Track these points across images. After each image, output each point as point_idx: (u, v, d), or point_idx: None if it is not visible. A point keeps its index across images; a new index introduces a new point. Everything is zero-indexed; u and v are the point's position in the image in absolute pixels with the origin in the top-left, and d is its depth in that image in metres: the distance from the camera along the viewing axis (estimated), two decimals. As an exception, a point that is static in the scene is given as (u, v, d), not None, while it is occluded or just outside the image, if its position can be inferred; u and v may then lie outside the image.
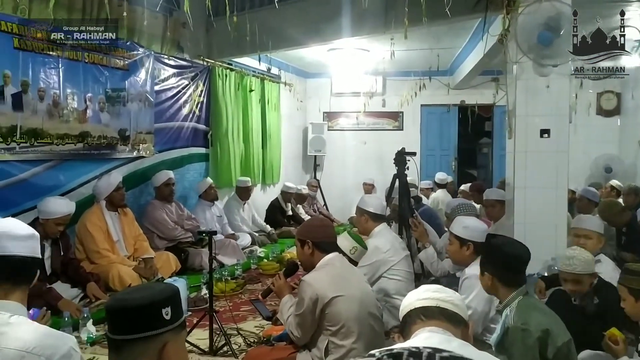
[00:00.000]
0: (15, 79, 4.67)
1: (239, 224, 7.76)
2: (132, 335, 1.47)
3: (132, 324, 1.48)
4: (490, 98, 9.63)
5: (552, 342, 2.32)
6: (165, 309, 1.51)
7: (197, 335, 4.09)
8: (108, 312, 1.53)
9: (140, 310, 1.48)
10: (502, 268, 2.58)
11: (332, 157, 11.18)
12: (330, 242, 3.24)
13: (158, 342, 1.50)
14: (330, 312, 2.96)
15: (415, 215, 5.50)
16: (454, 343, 1.54)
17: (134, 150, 6.18)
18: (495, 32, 5.16)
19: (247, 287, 5.77)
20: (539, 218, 4.81)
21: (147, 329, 1.48)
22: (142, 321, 1.48)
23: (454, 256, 3.54)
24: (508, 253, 2.58)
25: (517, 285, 2.56)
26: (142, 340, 1.47)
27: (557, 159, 4.83)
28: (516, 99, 4.89)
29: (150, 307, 1.49)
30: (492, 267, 2.62)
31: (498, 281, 2.60)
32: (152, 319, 1.49)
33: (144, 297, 1.50)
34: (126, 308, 1.48)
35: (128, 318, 1.48)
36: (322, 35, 6.72)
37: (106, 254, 5.19)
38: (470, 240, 3.37)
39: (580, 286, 3.17)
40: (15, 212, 4.61)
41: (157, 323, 1.49)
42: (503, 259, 2.58)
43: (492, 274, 2.61)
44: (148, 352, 1.49)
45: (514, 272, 2.57)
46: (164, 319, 1.50)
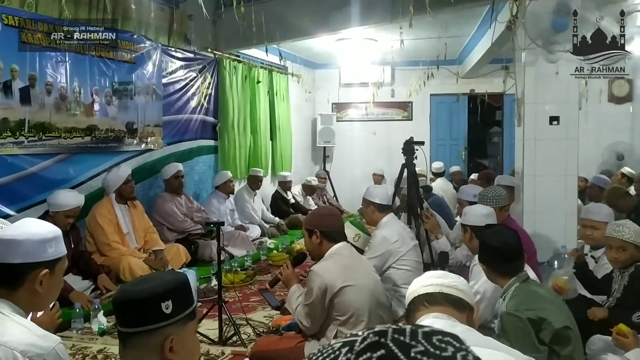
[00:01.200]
0: (23, 73, 4.69)
1: (250, 212, 7.79)
2: (133, 329, 1.48)
3: (132, 317, 1.48)
4: (500, 86, 9.58)
5: (547, 326, 2.31)
6: (165, 303, 1.48)
7: (207, 325, 4.11)
8: (113, 304, 1.56)
9: (138, 304, 1.48)
10: (493, 259, 2.59)
11: (342, 148, 11.16)
12: (339, 232, 3.24)
13: (159, 336, 1.49)
14: (339, 302, 2.96)
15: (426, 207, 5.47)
16: (458, 328, 1.53)
17: (142, 143, 6.19)
18: (504, 19, 5.11)
19: (256, 278, 5.78)
20: (549, 206, 4.78)
21: (145, 322, 1.47)
22: (140, 315, 1.48)
23: (467, 245, 3.56)
24: (495, 245, 2.57)
25: (513, 274, 2.55)
26: (143, 334, 1.47)
27: (567, 146, 4.79)
28: (525, 86, 4.86)
29: (148, 301, 1.48)
30: (484, 258, 2.64)
31: (493, 272, 2.61)
32: (150, 313, 1.48)
33: (143, 290, 1.49)
34: (126, 301, 1.49)
35: (128, 311, 1.49)
36: (330, 25, 6.69)
37: (116, 246, 5.22)
38: (469, 225, 3.43)
39: (624, 254, 3.19)
40: (25, 206, 4.66)
41: (155, 317, 1.48)
42: (491, 251, 2.59)
43: (486, 264, 2.63)
44: (149, 346, 1.49)
45: (505, 262, 2.56)
46: (163, 313, 1.48)
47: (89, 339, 3.94)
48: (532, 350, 2.11)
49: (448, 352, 0.57)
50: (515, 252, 2.58)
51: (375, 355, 0.56)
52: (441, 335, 0.59)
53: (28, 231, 1.79)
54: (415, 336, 0.58)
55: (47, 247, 1.80)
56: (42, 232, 1.82)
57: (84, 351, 3.75)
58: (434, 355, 0.56)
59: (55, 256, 1.82)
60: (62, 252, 1.86)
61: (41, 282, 1.78)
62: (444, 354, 0.57)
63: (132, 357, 1.50)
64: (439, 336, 0.59)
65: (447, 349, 0.58)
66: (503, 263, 2.55)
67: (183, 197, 6.51)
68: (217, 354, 3.74)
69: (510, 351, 1.55)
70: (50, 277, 1.80)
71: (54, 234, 1.84)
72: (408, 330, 0.58)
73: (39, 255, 1.78)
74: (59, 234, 1.87)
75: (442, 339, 0.58)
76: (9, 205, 4.53)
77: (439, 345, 0.57)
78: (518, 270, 2.55)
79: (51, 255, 1.81)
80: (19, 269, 1.76)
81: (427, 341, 0.57)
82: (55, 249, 1.82)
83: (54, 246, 1.82)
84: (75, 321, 4.02)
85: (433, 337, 0.58)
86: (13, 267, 1.76)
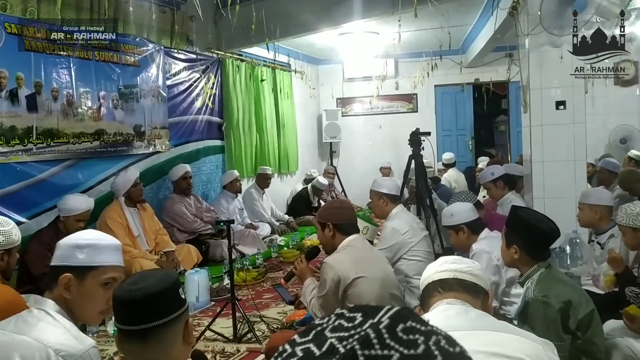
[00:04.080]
0: (28, 81, 4.71)
1: (260, 211, 7.81)
2: (159, 321, 1.49)
3: (157, 310, 1.49)
4: (504, 75, 9.53)
5: (573, 313, 2.30)
6: (180, 289, 1.55)
7: (221, 323, 4.13)
8: (126, 303, 1.51)
9: (161, 295, 1.50)
10: (531, 241, 2.51)
11: (348, 143, 11.15)
12: (351, 224, 3.24)
13: (182, 321, 1.54)
14: (352, 293, 2.96)
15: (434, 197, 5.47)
16: (472, 313, 1.53)
17: (150, 146, 6.21)
18: (506, 5, 5.09)
19: (268, 275, 5.80)
20: (559, 191, 4.76)
21: (171, 311, 1.51)
22: (167, 305, 1.51)
23: (456, 244, 3.70)
24: (544, 229, 2.51)
25: (541, 259, 2.52)
26: (169, 323, 1.50)
27: (574, 131, 4.77)
28: (530, 72, 4.83)
29: (169, 290, 1.52)
30: (521, 240, 2.53)
31: (525, 254, 2.52)
32: (174, 301, 1.52)
33: (157, 283, 1.51)
34: (147, 295, 1.49)
35: (151, 305, 1.49)
36: (332, 19, 6.68)
37: (128, 249, 5.23)
38: (461, 223, 3.53)
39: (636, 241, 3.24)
40: (36, 213, 4.69)
41: (178, 304, 1.53)
42: (538, 234, 2.51)
43: (520, 246, 2.52)
44: (174, 333, 1.52)
45: (545, 247, 2.54)
46: (182, 299, 1.54)
47: (104, 341, 3.97)
48: (556, 339, 2.09)
49: (419, 348, 0.54)
50: (554, 239, 2.58)
51: None
52: (402, 323, 0.55)
53: (71, 235, 1.86)
54: (385, 344, 0.53)
55: (77, 253, 1.79)
56: (77, 237, 1.84)
57: (101, 354, 3.76)
58: (411, 358, 0.53)
59: (86, 264, 1.79)
60: (96, 262, 1.80)
61: (69, 288, 1.77)
62: (417, 350, 0.53)
63: (157, 351, 1.50)
64: (401, 326, 0.55)
65: (417, 341, 0.54)
66: (544, 247, 2.53)
67: (192, 197, 6.53)
68: (232, 352, 3.76)
69: (525, 334, 1.55)
70: (79, 284, 1.78)
71: (88, 242, 1.82)
72: (375, 340, 0.54)
73: (66, 260, 1.79)
74: (96, 242, 1.84)
75: (406, 327, 0.55)
76: (21, 213, 4.55)
77: (408, 340, 0.54)
78: (547, 257, 2.53)
79: (80, 262, 1.78)
80: (53, 271, 1.81)
81: (396, 342, 0.53)
82: (87, 257, 1.79)
83: (86, 253, 1.79)
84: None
85: (399, 332, 0.54)
86: (51, 268, 1.82)
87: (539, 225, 2.53)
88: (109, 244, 1.88)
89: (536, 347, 1.50)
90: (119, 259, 1.90)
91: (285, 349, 0.57)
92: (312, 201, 8.98)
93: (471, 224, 3.54)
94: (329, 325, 0.57)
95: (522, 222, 2.57)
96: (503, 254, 2.65)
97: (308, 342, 0.56)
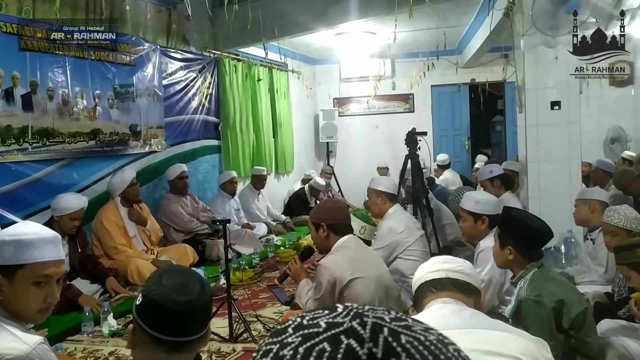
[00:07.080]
0: (24, 80, 4.70)
1: (256, 212, 7.80)
2: (204, 331, 1.47)
3: (200, 323, 1.46)
4: (500, 75, 9.55)
5: (567, 312, 2.30)
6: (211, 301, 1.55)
7: (217, 323, 4.11)
8: (175, 314, 1.39)
9: (205, 310, 1.48)
10: (525, 242, 2.51)
11: (345, 143, 11.15)
12: (345, 224, 3.24)
13: (207, 332, 1.52)
14: (348, 295, 2.96)
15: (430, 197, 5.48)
16: (466, 313, 1.54)
17: (146, 145, 6.20)
18: (501, 6, 5.10)
19: (265, 275, 5.79)
20: (554, 191, 4.78)
21: (206, 324, 1.49)
22: (206, 318, 1.50)
23: (468, 232, 3.58)
24: (537, 228, 2.52)
25: (534, 259, 2.52)
26: (203, 335, 1.47)
27: (569, 131, 4.79)
28: (525, 72, 4.85)
29: (209, 304, 1.50)
30: (515, 241, 2.53)
31: (520, 255, 2.52)
32: (209, 313, 1.52)
33: (202, 296, 1.44)
34: (198, 308, 1.43)
35: (199, 318, 1.45)
36: (329, 19, 6.68)
37: (123, 249, 5.24)
38: (484, 214, 3.39)
39: (615, 240, 3.18)
40: (31, 212, 4.68)
41: (209, 316, 1.53)
42: (528, 233, 2.52)
43: (514, 247, 2.52)
44: (200, 345, 1.50)
45: (538, 247, 2.54)
46: (210, 311, 1.56)
47: (99, 341, 3.96)
48: (550, 339, 2.10)
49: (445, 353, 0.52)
50: (549, 237, 2.58)
51: None
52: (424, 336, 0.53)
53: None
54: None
55: (4, 251, 1.65)
56: (3, 233, 1.70)
57: (96, 354, 3.76)
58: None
59: (12, 262, 1.64)
60: (24, 260, 1.65)
61: (1, 289, 1.64)
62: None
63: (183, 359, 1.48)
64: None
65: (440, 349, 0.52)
66: (537, 247, 2.53)
67: (188, 197, 6.52)
68: (228, 352, 3.75)
69: (519, 332, 1.56)
70: (9, 284, 1.65)
71: (14, 238, 1.67)
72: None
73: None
74: (23, 238, 1.67)
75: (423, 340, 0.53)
76: (15, 212, 4.54)
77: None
78: (541, 256, 2.54)
79: (7, 260, 1.65)
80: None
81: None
82: (13, 254, 1.65)
83: (12, 250, 1.65)
84: (86, 325, 4.04)
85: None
86: None
87: (533, 225, 2.54)
88: (39, 237, 1.69)
89: (530, 345, 1.51)
90: (54, 253, 1.72)
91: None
92: (309, 201, 8.98)
93: (494, 218, 3.34)
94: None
95: (515, 223, 2.58)
96: (496, 256, 2.64)
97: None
